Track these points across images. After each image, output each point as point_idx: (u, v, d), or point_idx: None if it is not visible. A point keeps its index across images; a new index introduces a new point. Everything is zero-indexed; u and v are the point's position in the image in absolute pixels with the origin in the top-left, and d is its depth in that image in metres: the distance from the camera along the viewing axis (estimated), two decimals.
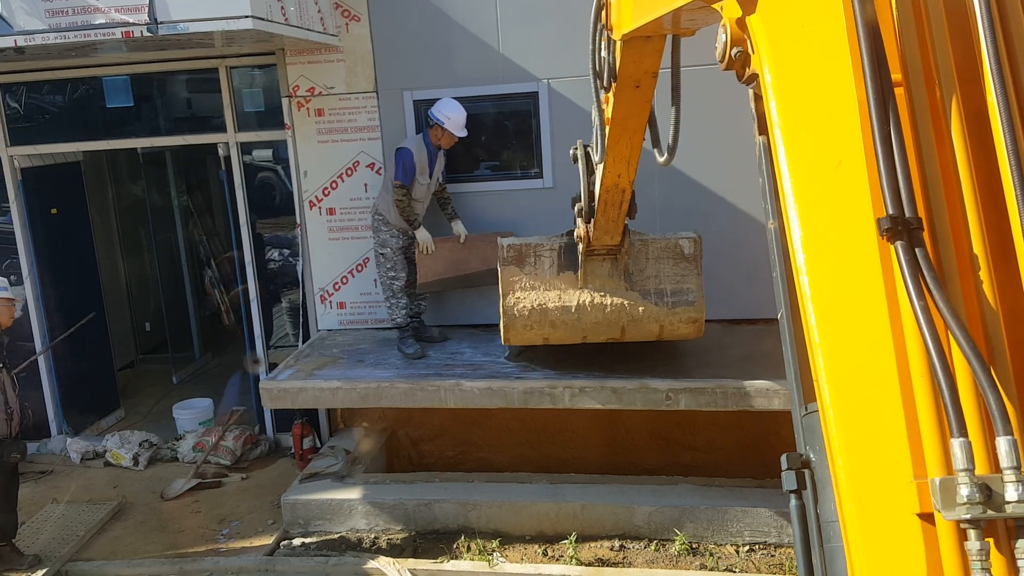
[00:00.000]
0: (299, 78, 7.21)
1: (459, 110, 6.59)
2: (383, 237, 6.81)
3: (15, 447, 5.86)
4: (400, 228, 6.76)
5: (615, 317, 5.96)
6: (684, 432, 7.01)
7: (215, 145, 7.69)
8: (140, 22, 5.50)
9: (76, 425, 8.35)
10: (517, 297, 5.95)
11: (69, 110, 7.84)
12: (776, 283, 2.28)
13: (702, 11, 2.50)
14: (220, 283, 10.69)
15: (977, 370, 1.48)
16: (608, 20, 3.50)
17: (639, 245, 5.95)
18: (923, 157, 1.72)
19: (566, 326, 5.99)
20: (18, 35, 5.69)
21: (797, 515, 2.07)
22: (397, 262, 6.80)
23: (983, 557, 1.42)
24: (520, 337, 6.12)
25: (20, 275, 7.95)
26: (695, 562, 5.85)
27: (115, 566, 6.17)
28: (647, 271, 5.97)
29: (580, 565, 5.82)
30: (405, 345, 6.73)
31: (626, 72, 3.62)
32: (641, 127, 4.21)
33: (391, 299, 6.89)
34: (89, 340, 8.38)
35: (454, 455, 7.46)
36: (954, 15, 1.79)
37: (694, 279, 6.00)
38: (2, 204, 7.93)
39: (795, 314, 2.11)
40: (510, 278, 5.95)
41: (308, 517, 6.42)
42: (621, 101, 3.91)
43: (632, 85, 3.73)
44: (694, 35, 3.06)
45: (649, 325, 6.02)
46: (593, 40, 3.72)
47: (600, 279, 5.93)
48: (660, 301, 5.95)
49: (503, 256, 5.96)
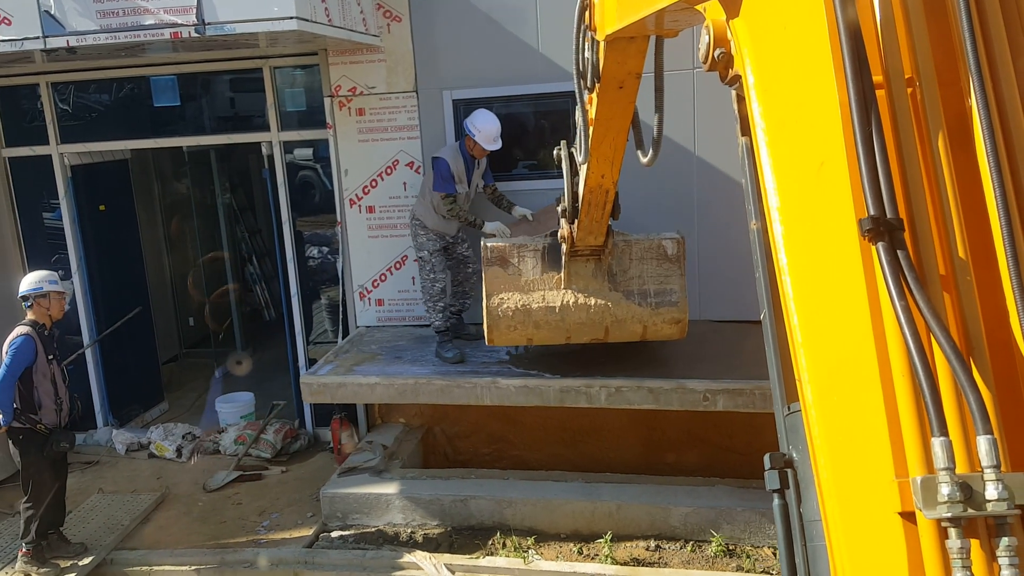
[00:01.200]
0: (341, 78, 7.30)
1: (491, 122, 6.55)
2: (420, 241, 6.85)
3: (64, 437, 6.01)
4: (437, 232, 6.79)
5: (599, 317, 5.95)
6: (722, 433, 6.97)
7: (258, 144, 7.82)
8: (188, 23, 5.61)
9: (121, 417, 8.54)
10: (501, 298, 5.96)
11: (116, 109, 8.02)
12: (759, 283, 2.28)
13: (685, 12, 2.50)
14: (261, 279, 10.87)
15: (958, 370, 1.49)
16: (592, 21, 3.50)
17: (622, 246, 5.94)
18: (904, 159, 1.73)
19: (550, 326, 5.99)
20: (70, 35, 5.83)
21: (780, 514, 2.08)
22: (436, 264, 6.83)
23: (964, 555, 1.43)
24: (504, 338, 6.12)
25: (69, 270, 8.15)
26: (732, 564, 5.82)
27: (159, 555, 6.31)
28: (630, 272, 5.97)
29: (616, 564, 5.82)
30: (444, 350, 6.74)
31: (610, 73, 3.63)
32: (625, 128, 4.21)
33: (429, 302, 6.91)
34: (135, 334, 8.57)
35: (489, 452, 7.51)
36: (935, 18, 1.79)
37: (677, 280, 5.98)
38: (52, 201, 8.14)
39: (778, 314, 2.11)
40: (494, 279, 5.96)
41: (346, 511, 6.51)
42: (605, 102, 3.91)
43: (616, 86, 3.74)
44: (677, 36, 3.05)
45: (632, 325, 6.02)
46: (577, 40, 3.72)
47: (584, 280, 5.93)
48: (643, 302, 5.95)
49: (486, 257, 5.97)
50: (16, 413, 5.79)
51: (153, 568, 6.21)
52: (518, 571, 5.82)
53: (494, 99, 7.21)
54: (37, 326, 5.93)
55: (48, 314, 6.01)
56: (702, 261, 6.92)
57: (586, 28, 3.60)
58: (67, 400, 6.12)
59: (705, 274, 6.96)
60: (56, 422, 5.98)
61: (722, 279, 6.81)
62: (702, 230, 6.85)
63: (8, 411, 5.77)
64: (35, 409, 5.86)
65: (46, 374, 5.93)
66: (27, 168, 8.09)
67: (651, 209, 6.75)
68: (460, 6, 7.03)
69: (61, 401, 6.03)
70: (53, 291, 6.02)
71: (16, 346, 5.80)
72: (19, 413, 5.80)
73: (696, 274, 7.02)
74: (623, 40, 3.33)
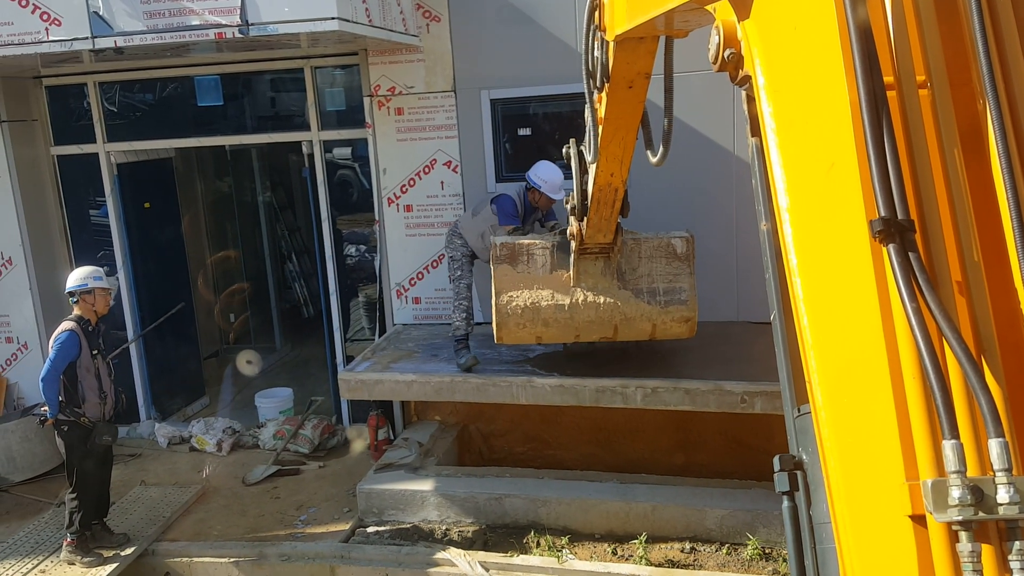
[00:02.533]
0: (380, 77, 7.36)
1: (555, 174, 6.51)
2: (455, 244, 6.81)
3: (107, 430, 6.13)
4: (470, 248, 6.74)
5: (608, 315, 5.93)
6: (759, 436, 6.90)
7: (298, 143, 7.92)
8: (232, 23, 5.70)
9: (163, 411, 8.71)
10: (510, 296, 5.95)
11: (161, 108, 8.17)
12: (769, 284, 2.27)
13: (695, 13, 2.49)
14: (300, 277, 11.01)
15: (969, 372, 1.47)
16: (601, 21, 3.49)
17: (631, 244, 5.91)
18: (915, 159, 1.71)
19: (559, 324, 5.97)
20: (118, 36, 5.96)
21: (789, 516, 2.07)
22: (463, 264, 6.81)
23: (975, 559, 1.41)
24: (513, 336, 6.10)
25: (114, 266, 8.33)
26: (768, 567, 5.77)
27: (199, 547, 6.42)
28: (639, 270, 5.94)
29: (650, 566, 5.80)
30: (459, 356, 6.67)
31: (619, 72, 3.62)
32: (634, 127, 4.19)
33: (456, 300, 6.85)
34: (178, 329, 8.72)
35: (524, 451, 7.52)
36: (946, 19, 1.76)
37: (687, 278, 5.95)
38: (99, 198, 8.32)
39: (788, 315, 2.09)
40: (503, 277, 5.96)
41: (382, 506, 6.56)
42: (614, 101, 3.91)
43: (625, 85, 3.73)
44: (687, 36, 3.03)
45: (641, 324, 5.98)
46: (586, 40, 3.71)
47: (593, 278, 5.91)
48: (652, 300, 5.91)
49: (495, 254, 5.97)
50: (61, 406, 5.92)
51: (193, 559, 6.32)
52: (552, 570, 5.83)
53: (532, 99, 7.24)
54: (82, 322, 6.05)
55: (93, 310, 6.11)
56: (741, 261, 6.87)
57: (596, 28, 3.59)
58: (112, 394, 6.22)
59: (744, 275, 6.90)
60: (100, 416, 6.10)
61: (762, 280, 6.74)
62: (742, 230, 6.79)
63: (54, 405, 5.92)
64: (79, 403, 5.99)
65: (90, 369, 6.04)
66: (75, 166, 8.29)
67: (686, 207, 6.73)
68: (499, 6, 7.05)
69: (106, 395, 6.14)
70: (98, 287, 6.11)
71: (60, 342, 5.93)
72: (64, 407, 5.93)
73: (735, 275, 6.97)
74: (633, 40, 3.32)
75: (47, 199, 8.31)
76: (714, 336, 6.66)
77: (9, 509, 7.26)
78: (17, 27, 6.04)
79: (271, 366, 10.15)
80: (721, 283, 6.92)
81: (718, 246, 6.80)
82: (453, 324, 6.80)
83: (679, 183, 6.76)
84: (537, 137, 7.29)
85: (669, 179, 6.41)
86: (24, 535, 6.63)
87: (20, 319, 8.30)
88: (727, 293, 7.00)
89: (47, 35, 6.03)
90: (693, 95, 6.15)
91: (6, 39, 6.09)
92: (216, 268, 10.51)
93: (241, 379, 9.56)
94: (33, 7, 5.99)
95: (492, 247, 6.01)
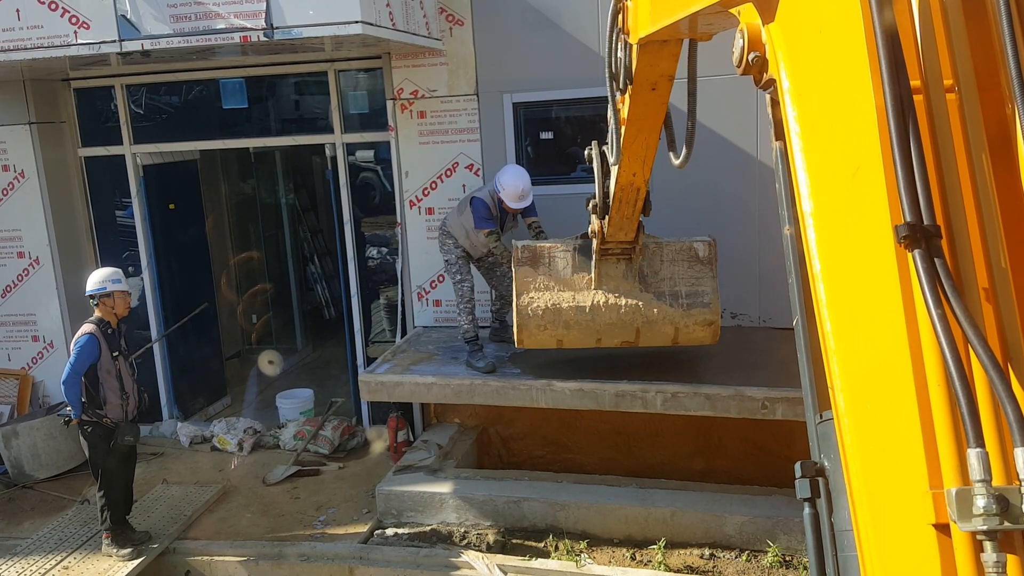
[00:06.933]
0: (403, 81, 7.39)
1: (518, 181, 6.38)
2: (447, 247, 6.84)
3: (129, 430, 6.20)
4: (463, 248, 6.77)
5: (629, 318, 5.90)
6: (780, 442, 6.85)
7: (320, 145, 7.97)
8: (257, 27, 5.75)
9: (186, 410, 8.78)
10: (531, 297, 5.94)
11: (186, 111, 8.25)
12: (792, 289, 2.25)
13: (719, 16, 2.47)
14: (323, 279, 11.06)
15: (995, 379, 1.44)
16: (625, 24, 3.48)
17: (653, 248, 5.90)
18: (942, 164, 1.68)
19: (580, 327, 5.95)
20: (145, 39, 6.03)
21: (811, 524, 2.05)
22: (461, 266, 6.82)
23: (999, 569, 1.39)
24: (534, 339, 6.08)
25: (139, 266, 8.42)
26: (788, 575, 5.73)
27: (219, 546, 6.47)
28: (661, 273, 5.92)
29: (669, 571, 5.77)
30: (475, 359, 6.63)
31: (642, 75, 3.61)
32: (656, 128, 4.20)
33: (460, 304, 6.87)
34: (200, 330, 8.79)
35: (543, 455, 7.51)
36: (974, 22, 1.74)
37: (709, 281, 5.92)
38: (124, 199, 8.42)
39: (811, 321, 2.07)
40: (524, 278, 5.95)
41: (401, 508, 6.58)
42: (637, 103, 3.91)
43: (648, 88, 3.72)
44: (711, 40, 3.01)
45: (664, 327, 5.95)
46: (610, 42, 3.72)
47: (615, 280, 5.89)
48: (675, 303, 5.89)
49: (518, 256, 5.97)
50: (84, 407, 6.01)
51: (214, 558, 6.37)
52: (570, 574, 5.81)
53: (554, 102, 7.24)
54: (102, 324, 6.12)
55: (113, 312, 6.17)
56: (763, 266, 6.82)
57: (619, 31, 3.60)
58: (134, 394, 6.28)
59: (766, 279, 6.85)
60: (122, 416, 6.16)
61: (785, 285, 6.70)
62: (765, 235, 6.74)
63: (76, 406, 6.00)
64: (101, 404, 6.06)
65: (111, 370, 6.10)
66: (101, 167, 8.40)
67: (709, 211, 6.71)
68: (522, 9, 7.07)
69: (127, 396, 6.20)
70: (117, 290, 6.16)
71: (80, 345, 6.01)
72: (86, 408, 6.01)
73: (757, 280, 6.93)
74: (656, 43, 3.31)
75: (74, 200, 8.42)
76: (735, 342, 6.63)
77: (34, 505, 7.36)
78: (47, 30, 6.13)
79: (292, 367, 10.21)
80: (744, 287, 6.88)
81: (741, 250, 6.76)
82: (461, 327, 6.82)
83: (702, 186, 6.73)
84: (559, 141, 7.29)
85: (691, 182, 6.37)
86: (48, 531, 6.71)
87: (46, 318, 8.41)
88: (750, 298, 6.96)
89: (76, 38, 6.11)
90: (716, 98, 6.13)
91: (36, 42, 6.18)
92: (239, 269, 10.58)
93: (263, 379, 9.63)
94: (63, 11, 6.07)
95: (514, 249, 6.02)
